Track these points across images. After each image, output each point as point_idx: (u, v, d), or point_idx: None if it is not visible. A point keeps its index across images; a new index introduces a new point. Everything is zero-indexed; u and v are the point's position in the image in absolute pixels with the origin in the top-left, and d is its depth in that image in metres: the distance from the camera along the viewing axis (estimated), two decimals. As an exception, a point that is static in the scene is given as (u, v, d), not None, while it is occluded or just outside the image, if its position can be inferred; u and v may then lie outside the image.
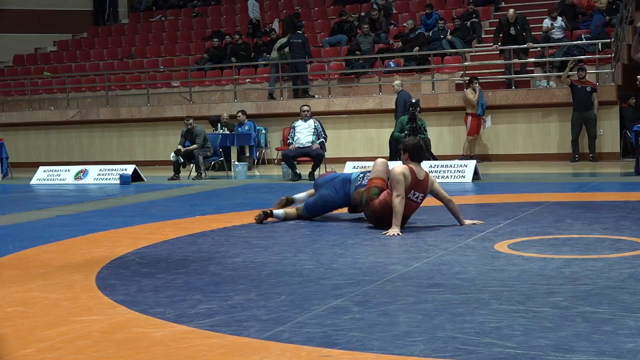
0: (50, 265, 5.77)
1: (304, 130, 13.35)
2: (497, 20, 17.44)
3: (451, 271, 5.02)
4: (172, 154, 14.36)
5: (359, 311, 4.04)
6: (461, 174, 11.88)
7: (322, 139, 13.33)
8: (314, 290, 4.60)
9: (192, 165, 14.49)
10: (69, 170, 15.13)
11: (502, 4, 19.41)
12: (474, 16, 18.43)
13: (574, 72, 15.10)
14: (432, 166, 11.97)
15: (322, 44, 19.46)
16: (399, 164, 7.09)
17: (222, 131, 16.32)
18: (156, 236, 7.04)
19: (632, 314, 3.81)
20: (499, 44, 16.52)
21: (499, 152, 16.22)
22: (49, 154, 20.35)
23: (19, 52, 24.22)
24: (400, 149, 7.36)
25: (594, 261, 5.23)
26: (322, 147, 13.32)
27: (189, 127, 14.33)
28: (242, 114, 16.77)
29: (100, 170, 14.69)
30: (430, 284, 4.64)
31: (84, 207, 10.14)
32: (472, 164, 12.04)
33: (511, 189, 10.37)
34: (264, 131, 17.87)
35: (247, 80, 19.38)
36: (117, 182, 13.91)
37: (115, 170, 14.42)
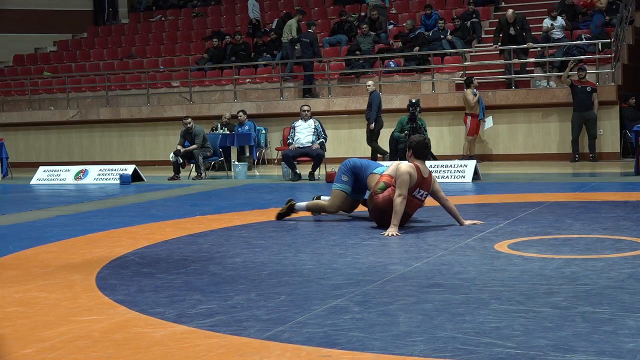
0: (50, 265, 5.77)
1: (304, 130, 13.34)
2: (497, 20, 17.44)
3: (451, 271, 5.02)
4: (172, 155, 14.36)
5: (359, 311, 4.04)
6: (461, 174, 11.88)
7: (322, 139, 13.33)
8: (314, 290, 4.60)
9: (192, 165, 14.49)
10: (69, 170, 15.13)
11: (502, 4, 19.42)
12: (474, 16, 18.44)
13: (574, 72, 15.10)
14: (432, 166, 11.96)
15: (322, 44, 19.46)
16: (405, 162, 7.07)
17: (222, 131, 16.32)
18: (156, 236, 7.04)
19: (632, 314, 3.81)
20: (499, 44, 16.52)
21: (499, 152, 16.22)
22: (49, 154, 20.36)
23: (19, 52, 24.23)
24: (401, 148, 7.35)
25: (594, 261, 5.22)
26: (322, 147, 13.32)
27: (188, 127, 14.33)
28: (242, 114, 16.79)
29: (100, 170, 14.69)
30: (430, 284, 4.64)
31: (84, 207, 10.14)
32: (472, 164, 12.04)
33: (511, 189, 10.37)
34: (264, 131, 17.87)
35: (247, 80, 19.38)
36: (117, 182, 13.91)
37: (115, 170, 14.42)
